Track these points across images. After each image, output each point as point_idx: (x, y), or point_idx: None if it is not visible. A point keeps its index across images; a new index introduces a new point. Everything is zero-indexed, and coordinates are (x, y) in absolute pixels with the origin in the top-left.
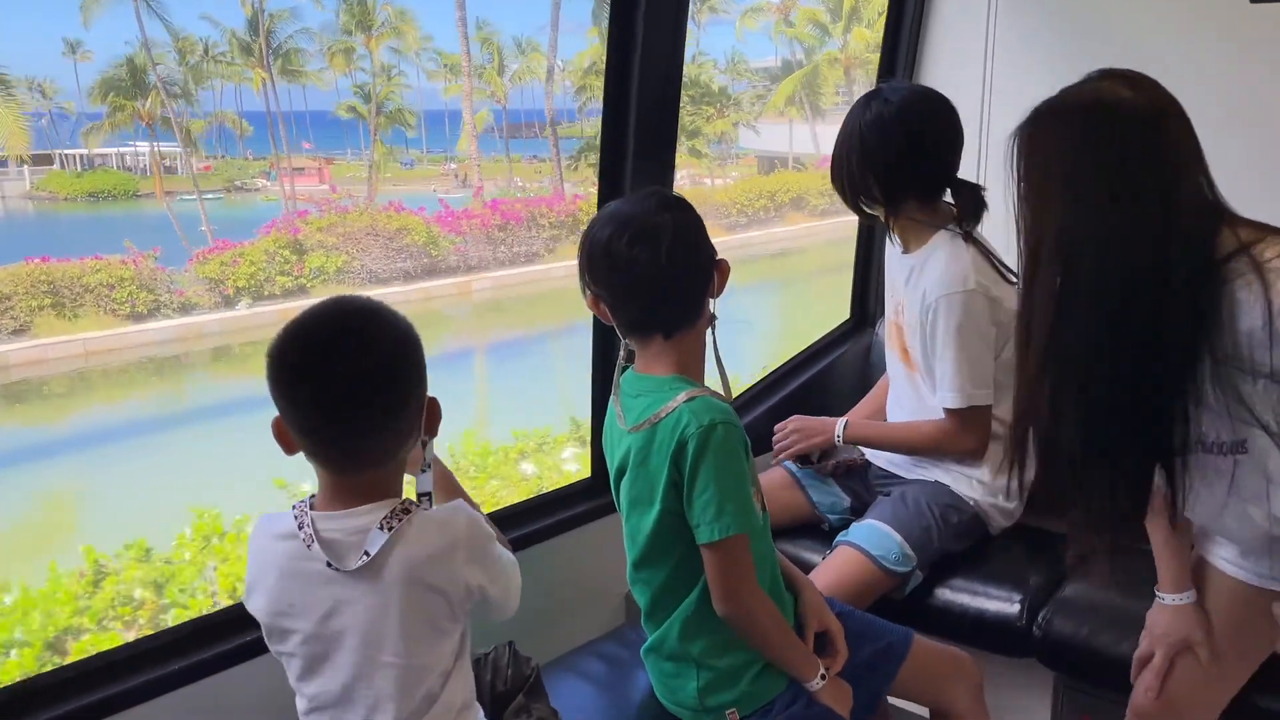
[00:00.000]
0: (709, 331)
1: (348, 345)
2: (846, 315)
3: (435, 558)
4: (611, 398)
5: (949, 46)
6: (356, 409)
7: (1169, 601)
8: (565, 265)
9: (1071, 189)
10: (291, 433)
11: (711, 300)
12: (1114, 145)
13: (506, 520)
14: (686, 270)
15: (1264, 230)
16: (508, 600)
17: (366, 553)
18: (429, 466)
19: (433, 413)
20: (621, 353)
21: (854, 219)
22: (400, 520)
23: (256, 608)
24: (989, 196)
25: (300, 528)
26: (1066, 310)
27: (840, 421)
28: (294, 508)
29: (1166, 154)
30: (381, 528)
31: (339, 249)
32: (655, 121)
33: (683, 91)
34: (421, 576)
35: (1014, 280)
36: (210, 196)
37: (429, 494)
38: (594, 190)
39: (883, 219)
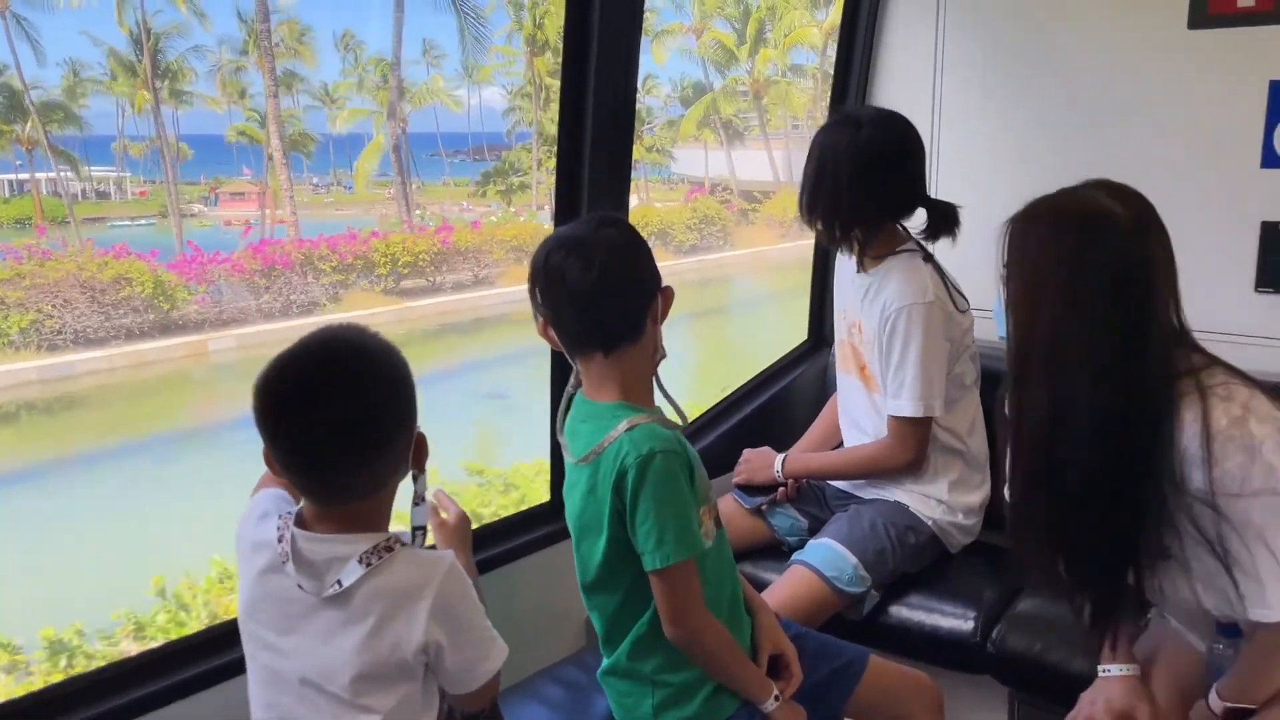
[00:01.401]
0: (654, 362)
1: (333, 388)
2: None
3: (401, 595)
4: (557, 429)
5: (899, 68)
6: (338, 454)
7: (1115, 673)
8: (353, 315)
9: (1063, 291)
10: (275, 465)
11: (656, 326)
12: (1106, 256)
13: None
14: (620, 283)
15: (1210, 359)
16: (467, 676)
17: (339, 582)
18: (423, 500)
19: (420, 448)
20: (571, 380)
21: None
22: (381, 558)
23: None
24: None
25: (280, 540)
26: (1059, 418)
27: (777, 459)
28: (279, 518)
29: (1150, 270)
30: (360, 561)
31: (26, 304)
32: (610, 146)
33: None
34: (382, 612)
35: (964, 307)
36: (143, 223)
37: (423, 528)
38: (485, 214)
39: (846, 239)
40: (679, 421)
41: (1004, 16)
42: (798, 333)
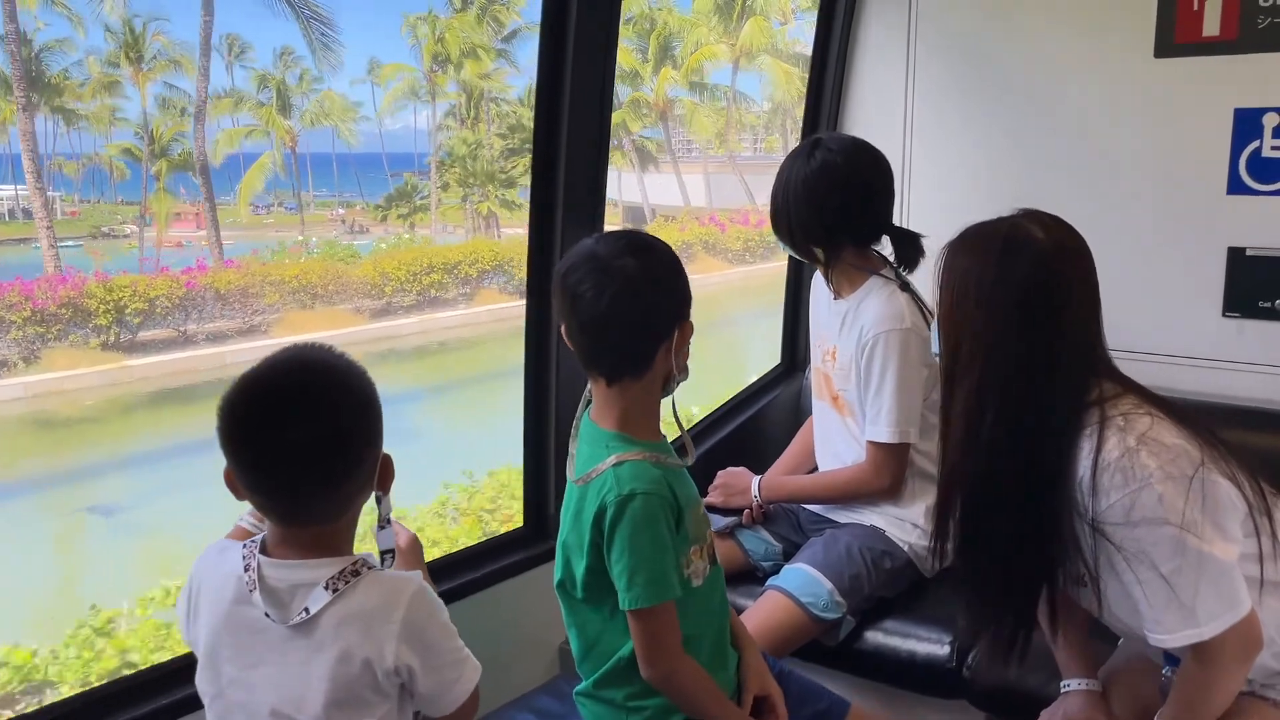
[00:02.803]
0: (668, 391)
1: (298, 411)
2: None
3: (368, 619)
4: (571, 438)
5: (871, 95)
6: (307, 474)
7: (1075, 687)
8: (48, 378)
9: (982, 307)
10: (239, 485)
11: (669, 357)
12: (1018, 276)
13: (440, 571)
14: (628, 317)
15: (1127, 387)
16: (443, 699)
17: (306, 609)
18: (387, 523)
19: (385, 469)
20: (584, 396)
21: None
22: (347, 582)
23: (193, 639)
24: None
25: (246, 569)
26: (974, 426)
27: (754, 481)
28: (244, 546)
29: (1062, 293)
30: (327, 587)
31: None
32: (586, 165)
33: (503, 138)
34: (350, 637)
35: None
36: (69, 244)
37: (391, 551)
38: (399, 234)
39: (820, 265)
40: (676, 458)
41: (974, 44)
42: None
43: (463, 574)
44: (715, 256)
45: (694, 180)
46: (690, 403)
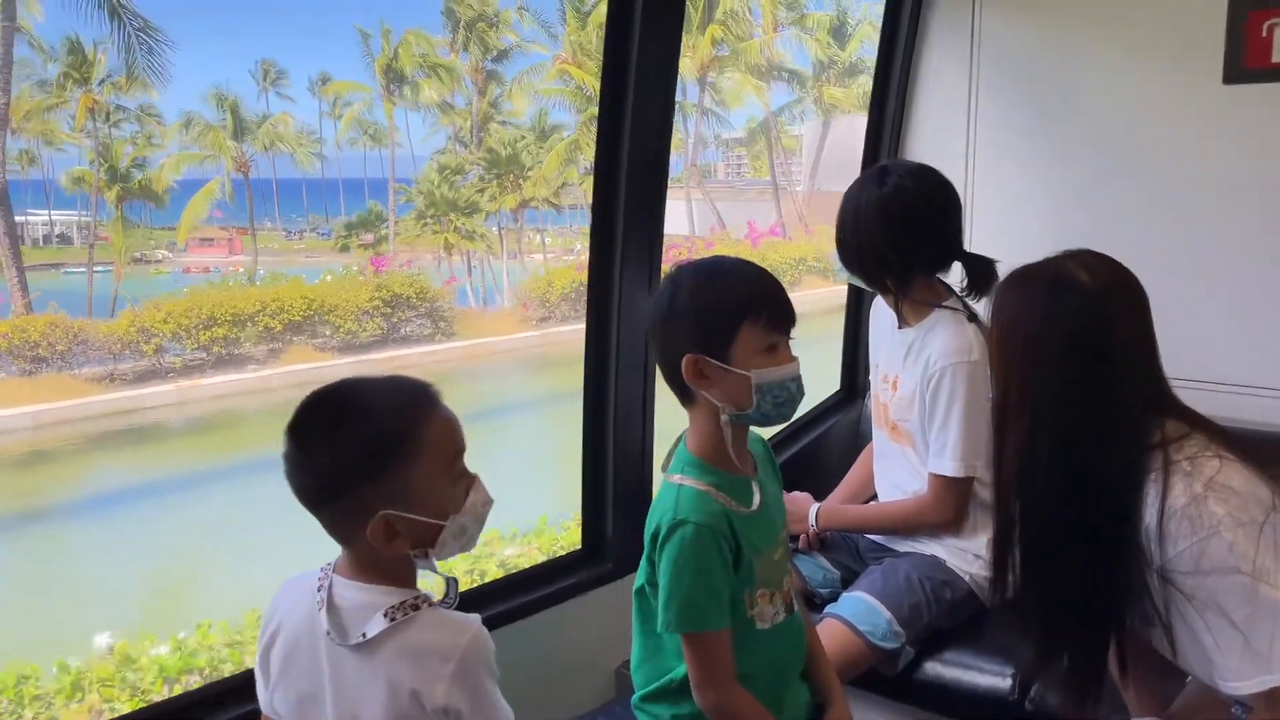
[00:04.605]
0: (739, 423)
1: (306, 435)
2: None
3: (423, 655)
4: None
5: (932, 122)
6: (308, 499)
7: None
8: None
9: (1029, 349)
10: None
11: (711, 387)
12: (1064, 318)
13: (496, 592)
14: (655, 346)
15: (1194, 425)
16: None
17: (364, 634)
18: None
19: (389, 529)
20: None
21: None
22: (406, 615)
23: (275, 659)
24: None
25: (319, 589)
26: (1028, 467)
27: (813, 508)
28: (321, 569)
29: (1111, 335)
30: (386, 615)
31: None
32: (645, 187)
33: (465, 163)
34: (402, 669)
35: None
36: (100, 269)
37: (455, 580)
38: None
39: (882, 288)
40: (740, 504)
41: (1038, 70)
42: None
43: (520, 595)
44: None
45: (673, 206)
46: None
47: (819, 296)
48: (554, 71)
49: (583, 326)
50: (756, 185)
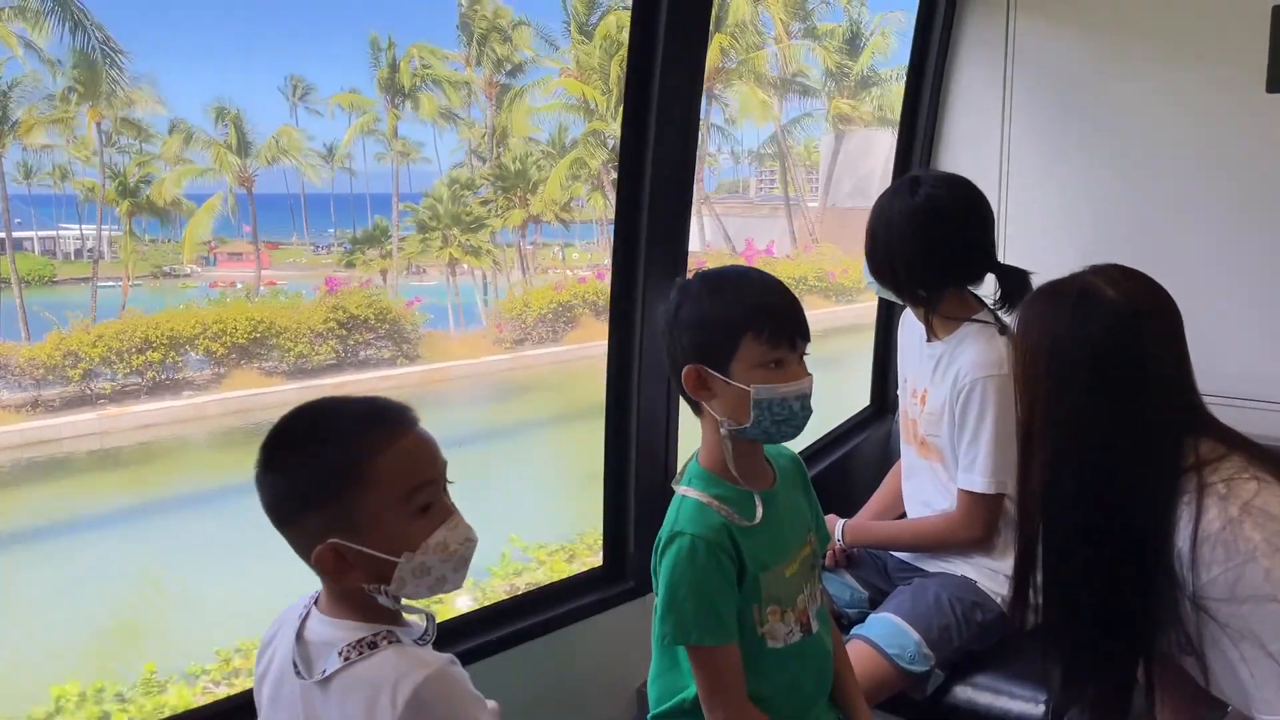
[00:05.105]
0: (740, 437)
1: (267, 458)
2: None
3: (375, 690)
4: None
5: (964, 134)
6: (271, 521)
7: None
8: None
9: (1055, 371)
10: None
11: (712, 398)
12: (1089, 335)
13: (515, 610)
14: (664, 338)
15: (1232, 445)
16: None
17: (325, 670)
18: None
19: (335, 556)
20: None
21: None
22: (362, 654)
23: (265, 692)
24: None
25: (301, 619)
26: (1054, 489)
27: (839, 524)
28: (309, 596)
29: (1140, 352)
30: (341, 654)
31: None
32: (670, 204)
33: (477, 178)
34: (351, 707)
35: None
36: (132, 283)
37: (433, 616)
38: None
39: (913, 299)
40: (743, 517)
41: (1073, 79)
42: None
43: (538, 613)
44: None
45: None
46: None
47: (816, 317)
48: (557, 84)
49: (557, 349)
50: (772, 201)
